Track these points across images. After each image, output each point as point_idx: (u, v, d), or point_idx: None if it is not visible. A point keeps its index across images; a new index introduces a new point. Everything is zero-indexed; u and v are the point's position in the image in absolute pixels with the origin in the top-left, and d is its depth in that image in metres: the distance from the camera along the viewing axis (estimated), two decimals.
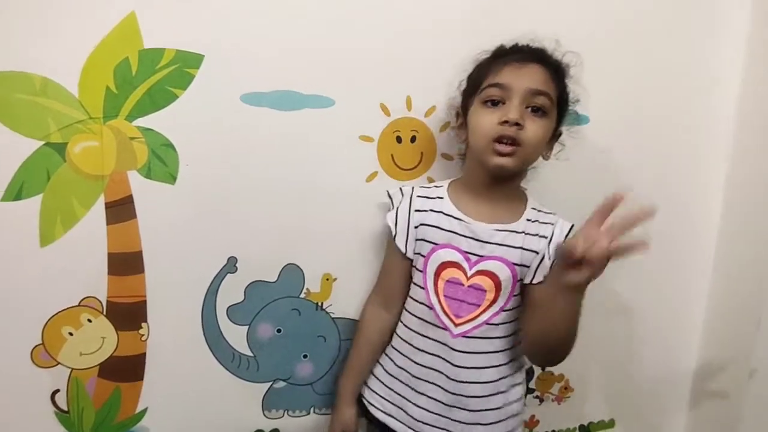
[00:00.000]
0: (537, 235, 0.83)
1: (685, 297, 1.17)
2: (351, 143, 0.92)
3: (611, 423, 1.19)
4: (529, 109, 0.78)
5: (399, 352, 0.88)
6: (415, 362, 0.85)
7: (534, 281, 0.82)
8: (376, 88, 0.91)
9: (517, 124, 0.76)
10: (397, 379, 0.88)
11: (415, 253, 0.86)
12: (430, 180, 0.96)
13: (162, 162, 0.85)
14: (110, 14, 0.80)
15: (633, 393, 1.19)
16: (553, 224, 0.84)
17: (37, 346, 0.85)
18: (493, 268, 0.81)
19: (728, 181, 1.13)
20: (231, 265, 0.91)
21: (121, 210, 0.84)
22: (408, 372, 0.86)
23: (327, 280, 0.96)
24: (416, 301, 0.86)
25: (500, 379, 0.85)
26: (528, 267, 0.82)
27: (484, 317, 0.82)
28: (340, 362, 0.98)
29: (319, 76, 0.88)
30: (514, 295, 0.83)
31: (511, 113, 0.76)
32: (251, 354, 0.95)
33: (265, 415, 0.98)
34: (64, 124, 0.81)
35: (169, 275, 0.88)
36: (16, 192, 0.80)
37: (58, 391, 0.87)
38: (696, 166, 1.12)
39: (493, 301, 0.82)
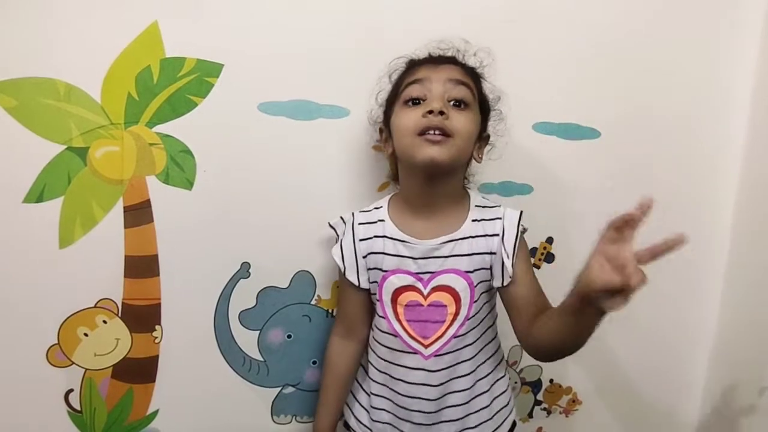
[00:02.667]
0: (485, 235, 0.79)
1: (697, 309, 1.16)
2: (364, 153, 0.94)
3: None
4: (451, 103, 0.75)
5: (379, 384, 0.85)
6: (397, 392, 0.82)
7: (497, 284, 0.79)
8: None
9: (441, 113, 0.72)
10: (383, 410, 0.85)
11: (371, 282, 0.83)
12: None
13: (180, 168, 0.87)
14: (133, 23, 0.82)
15: (641, 407, 1.18)
16: (500, 218, 0.80)
17: (52, 345, 0.87)
18: (448, 282, 0.79)
19: (740, 195, 1.13)
20: (244, 271, 0.92)
21: (138, 214, 0.86)
22: (392, 402, 0.84)
23: (338, 287, 0.97)
24: (381, 331, 0.83)
25: (478, 381, 0.83)
26: (486, 269, 0.79)
27: (451, 331, 0.79)
28: None
29: (334, 87, 0.90)
30: (474, 302, 0.79)
31: (433, 103, 0.73)
32: (262, 359, 0.96)
33: (273, 420, 0.99)
34: (86, 129, 0.83)
35: (183, 279, 0.90)
36: (38, 194, 0.82)
37: (72, 390, 0.89)
38: (707, 180, 1.12)
39: (456, 314, 0.79)
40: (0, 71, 0.79)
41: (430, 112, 0.73)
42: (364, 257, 0.82)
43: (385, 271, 0.81)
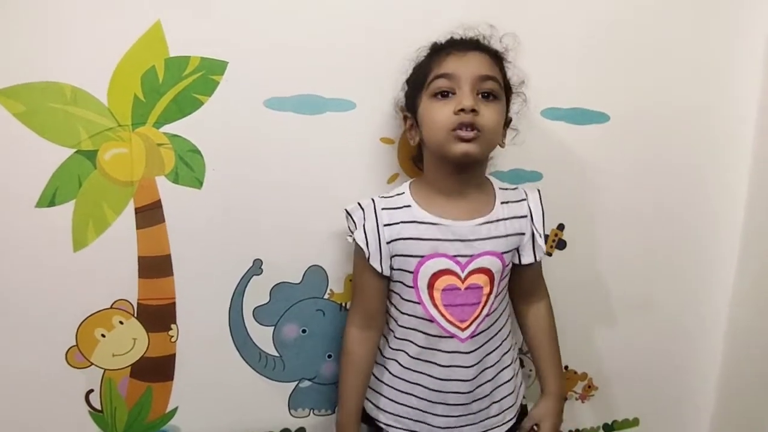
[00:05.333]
0: (516, 216, 0.83)
1: (710, 294, 1.16)
2: (372, 145, 0.93)
3: (635, 421, 1.19)
4: (480, 95, 0.76)
5: (411, 370, 0.84)
6: (432, 376, 0.83)
7: (527, 261, 0.85)
8: (397, 90, 0.92)
9: (473, 110, 0.74)
10: (412, 395, 0.85)
11: (395, 269, 0.82)
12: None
13: (189, 167, 0.87)
14: (136, 24, 0.82)
15: (657, 391, 1.18)
16: (525, 199, 0.85)
17: (71, 347, 0.88)
18: (485, 264, 0.81)
19: (752, 177, 1.11)
20: (256, 267, 0.93)
21: (150, 214, 0.87)
22: (423, 386, 0.84)
23: (350, 280, 0.97)
24: (415, 317, 0.82)
25: (504, 355, 0.87)
26: (515, 249, 0.84)
27: (485, 311, 0.82)
28: None
29: (340, 80, 0.89)
30: (502, 279, 0.84)
31: (465, 101, 0.74)
32: (277, 354, 0.96)
33: (291, 414, 0.99)
34: (95, 131, 0.83)
35: (196, 277, 0.90)
36: (50, 198, 0.83)
37: (92, 391, 0.90)
38: (719, 161, 1.10)
39: (490, 293, 0.82)
40: (6, 77, 0.79)
41: (462, 110, 0.74)
42: (388, 243, 0.80)
43: (421, 256, 0.80)
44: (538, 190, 0.87)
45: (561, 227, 1.04)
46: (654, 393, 1.18)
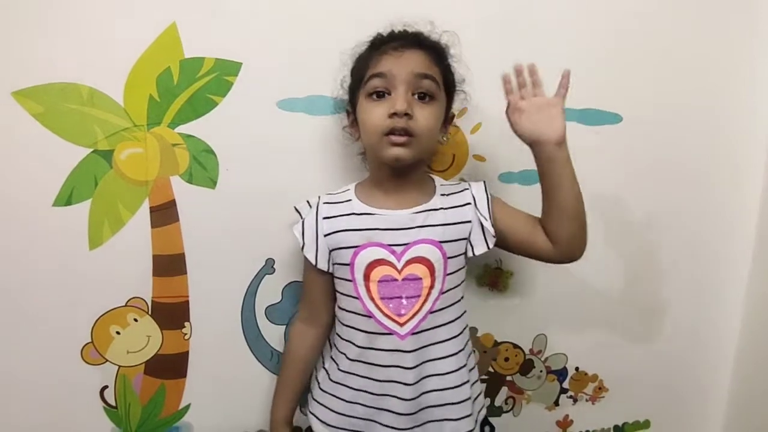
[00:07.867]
0: (457, 206, 0.80)
1: (723, 296, 1.15)
2: None
3: (646, 423, 1.18)
4: (416, 96, 0.75)
5: (355, 374, 0.80)
6: (374, 379, 0.79)
7: (480, 252, 0.80)
8: None
9: (406, 114, 0.72)
10: (357, 403, 0.81)
11: (335, 264, 0.81)
12: (462, 181, 0.96)
13: (203, 167, 0.88)
14: (152, 26, 0.83)
15: (668, 393, 1.17)
16: (467, 188, 0.82)
17: (86, 344, 0.89)
18: (422, 253, 0.77)
19: (767, 179, 1.10)
20: (269, 267, 0.94)
21: (164, 214, 0.88)
22: (368, 392, 0.80)
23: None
24: (355, 313, 0.79)
25: (460, 368, 0.80)
26: (463, 240, 0.79)
27: (427, 307, 0.78)
28: None
29: None
30: (448, 275, 0.78)
31: (398, 104, 0.72)
32: None
33: (301, 411, 1.00)
34: (111, 132, 0.84)
35: (210, 276, 0.92)
36: (67, 197, 0.85)
37: (106, 387, 0.92)
38: (733, 162, 1.09)
39: (431, 287, 0.77)
40: (25, 78, 0.81)
41: (395, 114, 0.73)
42: (326, 236, 0.80)
43: (357, 246, 0.78)
44: (484, 182, 0.84)
45: None
46: (665, 395, 1.17)
